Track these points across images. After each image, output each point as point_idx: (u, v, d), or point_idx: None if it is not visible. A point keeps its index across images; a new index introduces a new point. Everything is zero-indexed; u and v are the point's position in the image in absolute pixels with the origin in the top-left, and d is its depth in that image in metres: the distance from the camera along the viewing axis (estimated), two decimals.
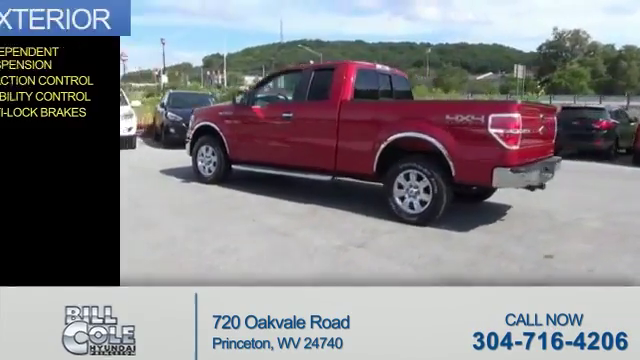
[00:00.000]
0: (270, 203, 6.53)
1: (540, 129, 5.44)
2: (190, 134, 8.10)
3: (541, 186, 5.63)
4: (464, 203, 6.33)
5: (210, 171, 7.79)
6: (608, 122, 13.65)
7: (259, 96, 7.16)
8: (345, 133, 6.06)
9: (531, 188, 5.59)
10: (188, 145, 8.09)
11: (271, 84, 7.18)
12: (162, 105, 14.87)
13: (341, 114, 6.07)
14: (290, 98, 6.89)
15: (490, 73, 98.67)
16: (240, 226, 5.37)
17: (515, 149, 4.92)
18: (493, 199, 6.72)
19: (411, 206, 5.58)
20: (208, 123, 7.75)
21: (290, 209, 6.22)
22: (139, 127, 15.73)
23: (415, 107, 5.91)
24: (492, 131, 4.94)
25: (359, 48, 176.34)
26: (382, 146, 5.68)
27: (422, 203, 5.51)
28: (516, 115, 4.88)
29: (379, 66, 6.85)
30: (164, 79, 40.27)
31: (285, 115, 6.63)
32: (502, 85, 66.21)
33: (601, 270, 4.24)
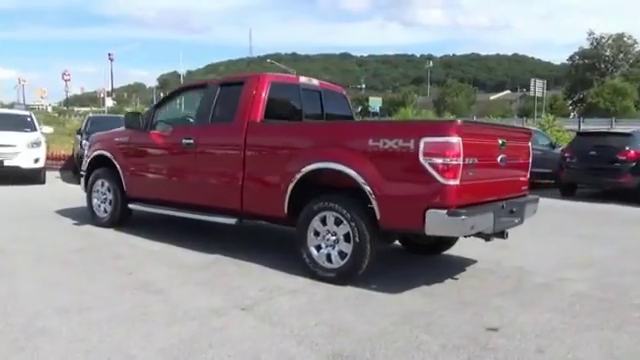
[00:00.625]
0: (165, 252, 5.79)
1: (499, 158, 4.65)
2: (84, 165, 7.21)
3: (502, 234, 4.76)
4: (416, 255, 5.67)
5: (106, 211, 6.90)
6: (638, 151, 11.37)
7: (160, 118, 6.31)
8: (252, 164, 5.25)
9: (486, 237, 4.71)
10: (83, 179, 7.18)
11: (176, 103, 6.33)
12: (78, 132, 14.23)
13: (248, 139, 5.26)
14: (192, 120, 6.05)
15: (507, 91, 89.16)
16: (109, 281, 4.67)
17: (454, 184, 4.10)
18: (457, 251, 5.91)
19: (329, 258, 4.70)
20: (103, 152, 6.91)
21: (185, 260, 5.45)
22: (55, 158, 15.01)
23: (332, 130, 5.06)
24: (424, 160, 4.12)
25: (344, 62, 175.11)
26: (294, 181, 4.81)
27: (342, 255, 4.61)
28: (455, 139, 4.08)
29: (304, 79, 6.10)
30: (108, 102, 39.21)
31: (185, 141, 5.79)
32: (522, 106, 58.43)
33: (554, 352, 3.36)
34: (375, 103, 46.89)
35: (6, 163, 11.12)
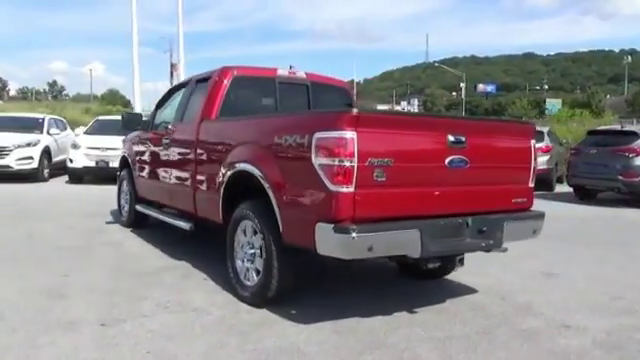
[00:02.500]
0: (137, 256, 5.61)
1: (448, 160, 3.53)
2: (119, 166, 7.43)
3: (451, 262, 3.65)
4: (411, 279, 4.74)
5: (127, 211, 6.95)
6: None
7: (158, 119, 6.19)
8: (201, 165, 4.81)
9: (424, 263, 3.63)
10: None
11: (171, 102, 6.12)
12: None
13: (199, 139, 4.80)
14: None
15: None
16: (36, 280, 4.52)
17: (347, 192, 3.17)
18: (471, 275, 4.90)
19: (246, 275, 4.03)
20: (124, 153, 7.02)
21: (148, 264, 5.21)
22: None
23: (254, 125, 4.31)
24: (315, 161, 3.27)
25: (527, 63, 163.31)
26: (223, 183, 4.27)
27: (257, 272, 3.93)
28: (347, 134, 3.14)
29: (283, 72, 5.33)
30: None
31: (165, 141, 5.56)
32: None
33: None
34: (553, 105, 42.96)
35: (112, 164, 11.51)
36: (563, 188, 13.57)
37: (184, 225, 5.06)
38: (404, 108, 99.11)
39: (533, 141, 4.11)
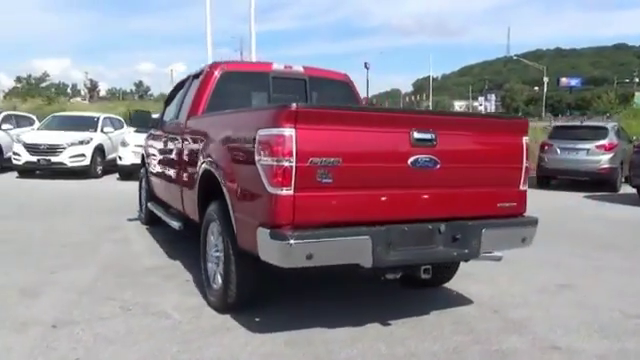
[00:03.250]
0: (135, 254, 5.63)
1: (412, 160, 3.18)
2: (140, 163, 7.52)
3: (413, 272, 3.30)
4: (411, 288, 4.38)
5: (145, 209, 7.02)
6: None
7: (165, 116, 6.16)
8: (185, 162, 4.69)
9: (381, 274, 3.30)
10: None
11: (175, 99, 6.05)
12: None
13: (184, 135, 4.70)
14: None
15: None
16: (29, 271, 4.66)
17: (285, 194, 2.91)
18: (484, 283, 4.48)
19: (215, 279, 3.88)
20: (143, 150, 7.08)
21: (140, 263, 5.14)
22: None
23: (218, 122, 4.09)
24: (258, 160, 3.04)
25: (618, 54, 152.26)
26: (196, 181, 4.15)
27: (221, 276, 3.75)
28: (286, 131, 2.88)
29: (278, 67, 5.09)
30: None
31: (163, 139, 5.57)
32: None
33: None
34: None
35: None
36: (629, 189, 12.44)
37: (175, 224, 4.98)
38: (481, 104, 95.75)
39: (526, 138, 3.63)
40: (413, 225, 3.27)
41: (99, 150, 13.41)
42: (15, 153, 12.87)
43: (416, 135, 3.18)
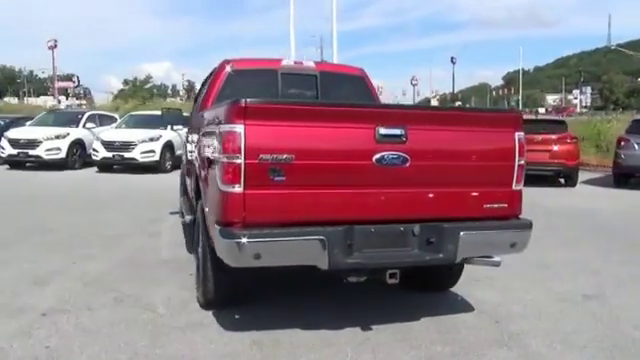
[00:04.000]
0: (159, 247, 5.74)
1: (377, 157, 2.97)
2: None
3: (375, 275, 3.10)
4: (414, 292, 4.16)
5: None
6: None
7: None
8: (192, 156, 4.73)
9: (344, 276, 3.12)
10: None
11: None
12: None
13: (191, 130, 4.78)
14: None
15: None
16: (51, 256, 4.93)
17: (236, 192, 2.82)
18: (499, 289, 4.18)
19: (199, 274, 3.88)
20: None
21: (157, 256, 5.34)
22: None
23: (202, 117, 4.03)
24: (215, 157, 2.99)
25: None
26: (192, 175, 4.20)
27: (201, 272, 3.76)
28: (237, 127, 2.79)
29: (288, 63, 5.00)
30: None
31: (185, 135, 5.66)
32: None
33: None
34: None
35: None
36: None
37: (186, 218, 5.04)
38: (576, 97, 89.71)
39: (519, 133, 3.27)
40: (382, 226, 3.06)
41: (168, 146, 14.03)
42: (94, 149, 13.82)
43: (382, 131, 2.97)
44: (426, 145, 3.07)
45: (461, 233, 3.09)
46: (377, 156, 2.96)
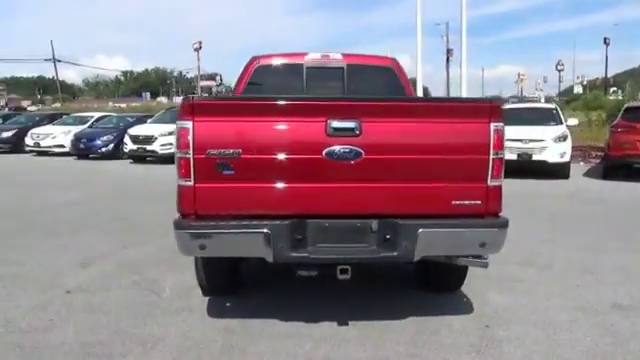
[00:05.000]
0: None
1: (327, 151, 2.92)
2: None
3: (327, 269, 3.03)
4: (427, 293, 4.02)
5: None
6: None
7: None
8: None
9: (302, 270, 3.09)
10: None
11: None
12: None
13: None
14: None
15: None
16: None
17: (187, 185, 2.98)
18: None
19: None
20: None
21: None
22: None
23: None
24: (175, 152, 3.17)
25: None
26: None
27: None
28: (187, 123, 2.93)
29: (313, 56, 4.95)
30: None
31: None
32: None
33: None
34: None
35: (534, 157, 11.09)
36: None
37: None
38: None
39: (497, 124, 2.98)
40: (338, 221, 3.00)
41: None
42: (124, 143, 15.39)
43: (334, 124, 2.91)
44: (383, 138, 2.95)
45: (419, 230, 2.92)
46: (327, 150, 2.92)
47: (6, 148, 18.58)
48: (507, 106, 15.01)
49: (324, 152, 2.92)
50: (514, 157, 11.21)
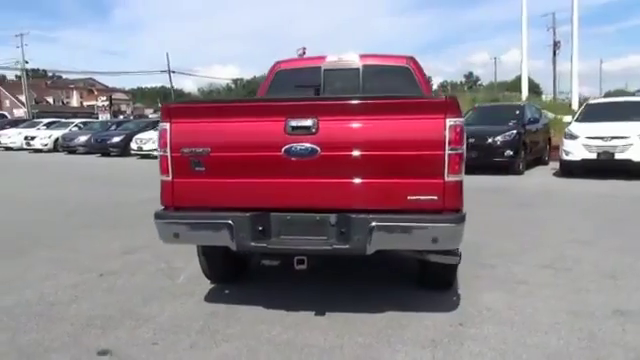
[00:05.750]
0: None
1: (285, 149, 3.12)
2: None
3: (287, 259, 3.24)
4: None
5: None
6: None
7: None
8: None
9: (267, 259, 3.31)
10: None
11: None
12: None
13: None
14: None
15: None
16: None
17: (167, 180, 3.36)
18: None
19: None
20: None
21: None
22: None
23: None
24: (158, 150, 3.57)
25: None
26: None
27: None
28: (166, 125, 3.30)
29: (330, 58, 5.13)
30: None
31: None
32: None
33: None
34: None
35: (617, 156, 10.37)
36: None
37: None
38: None
39: (454, 120, 2.98)
40: (299, 214, 3.19)
41: None
42: None
43: (292, 123, 3.10)
44: (338, 136, 3.09)
45: (372, 224, 3.01)
46: (286, 147, 3.11)
47: (116, 152, 20.67)
48: (593, 101, 14.01)
49: (283, 150, 3.13)
50: (593, 156, 10.53)
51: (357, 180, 3.13)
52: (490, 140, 12.02)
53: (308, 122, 3.09)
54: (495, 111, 14.76)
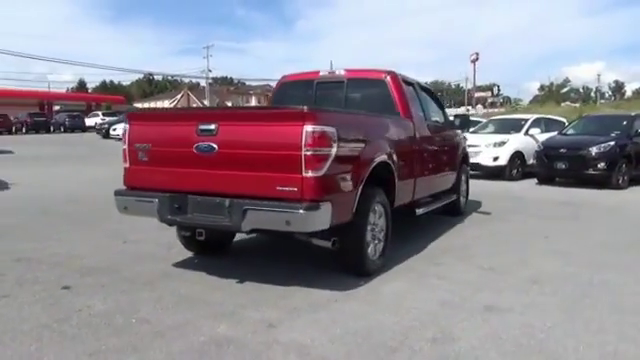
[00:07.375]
0: None
1: (196, 146, 4.10)
2: None
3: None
4: None
5: None
6: None
7: None
8: None
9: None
10: None
11: None
12: None
13: None
14: None
15: None
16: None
17: (126, 167, 4.61)
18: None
19: None
20: None
21: None
22: None
23: None
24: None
25: None
26: None
27: None
28: (127, 125, 4.53)
29: (324, 74, 5.98)
30: None
31: None
32: None
33: None
34: None
35: None
36: None
37: None
38: None
39: (310, 127, 3.65)
40: (206, 198, 4.11)
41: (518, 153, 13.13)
42: None
43: (200, 127, 4.04)
44: (230, 137, 4.00)
45: (245, 207, 3.83)
46: (196, 145, 4.08)
47: None
48: None
49: (194, 147, 4.11)
50: None
51: (241, 172, 4.00)
52: (584, 151, 11.42)
53: (211, 126, 4.03)
54: (601, 121, 13.88)
